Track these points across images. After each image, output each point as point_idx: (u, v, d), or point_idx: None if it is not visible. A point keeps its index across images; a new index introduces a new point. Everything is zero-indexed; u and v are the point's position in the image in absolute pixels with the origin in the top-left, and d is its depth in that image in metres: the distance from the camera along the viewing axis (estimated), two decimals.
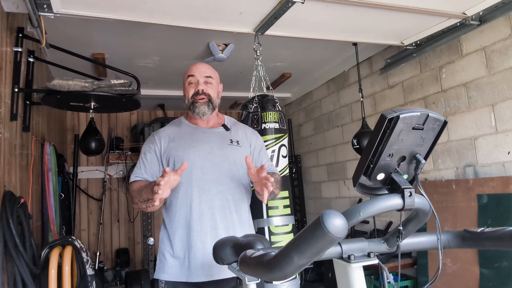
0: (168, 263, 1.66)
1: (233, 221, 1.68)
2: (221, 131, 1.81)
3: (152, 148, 1.75)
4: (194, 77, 1.77)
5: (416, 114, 0.77)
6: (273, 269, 0.74)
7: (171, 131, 1.81)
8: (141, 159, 1.77)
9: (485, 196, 2.42)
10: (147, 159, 1.75)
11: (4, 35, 1.95)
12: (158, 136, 1.78)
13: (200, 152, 1.70)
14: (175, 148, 1.72)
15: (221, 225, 1.65)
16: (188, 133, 1.78)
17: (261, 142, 1.91)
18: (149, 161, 1.74)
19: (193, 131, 1.79)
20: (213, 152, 1.71)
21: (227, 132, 1.81)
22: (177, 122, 1.89)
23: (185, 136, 1.77)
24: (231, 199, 1.70)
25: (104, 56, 3.21)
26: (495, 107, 2.46)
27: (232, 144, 1.76)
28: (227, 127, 1.82)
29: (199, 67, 1.79)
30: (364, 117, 3.23)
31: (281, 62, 3.74)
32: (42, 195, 2.59)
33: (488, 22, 2.43)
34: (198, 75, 1.76)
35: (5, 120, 1.90)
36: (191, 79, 1.78)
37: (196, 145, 1.72)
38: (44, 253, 1.94)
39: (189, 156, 1.67)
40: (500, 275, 2.25)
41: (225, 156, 1.71)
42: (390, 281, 0.90)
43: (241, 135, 1.83)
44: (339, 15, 2.33)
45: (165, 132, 1.80)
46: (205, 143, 1.73)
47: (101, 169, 4.88)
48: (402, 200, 0.77)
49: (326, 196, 4.34)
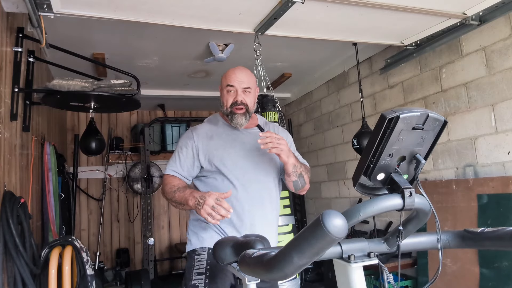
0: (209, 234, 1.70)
1: (269, 218, 1.75)
2: (257, 131, 1.85)
3: (190, 144, 1.78)
4: (233, 87, 1.75)
5: (416, 114, 0.77)
6: (273, 269, 0.74)
7: (208, 128, 1.84)
8: (177, 153, 1.79)
9: (485, 196, 2.42)
10: (183, 153, 1.78)
11: (4, 35, 1.95)
12: (196, 133, 1.81)
13: (240, 152, 1.75)
14: (214, 146, 1.76)
15: (259, 222, 1.70)
16: (226, 133, 1.81)
17: (291, 140, 1.95)
18: (185, 156, 1.77)
19: (231, 132, 1.82)
20: (252, 152, 1.76)
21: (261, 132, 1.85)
22: (213, 120, 1.90)
23: (223, 135, 1.80)
24: (268, 198, 1.77)
25: (104, 56, 3.21)
26: (495, 107, 2.46)
27: None
28: (261, 128, 1.88)
29: (239, 76, 1.76)
30: (364, 117, 3.22)
31: (281, 62, 3.74)
32: (42, 195, 2.59)
33: (488, 22, 2.43)
34: (237, 85, 1.75)
35: (5, 120, 1.90)
36: (230, 88, 1.76)
37: (235, 145, 1.77)
38: (44, 253, 1.94)
39: (230, 155, 1.73)
40: (500, 275, 2.25)
41: (262, 156, 1.77)
42: (390, 281, 0.90)
43: None
44: (339, 15, 2.33)
45: (203, 129, 1.83)
46: (243, 143, 1.78)
47: (101, 169, 4.88)
48: (402, 200, 0.77)
49: (326, 196, 4.34)
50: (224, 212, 1.44)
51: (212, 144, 1.77)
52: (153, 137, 4.86)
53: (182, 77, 3.95)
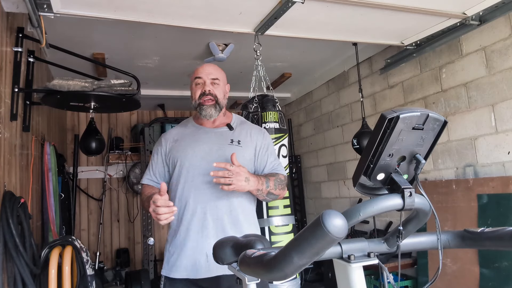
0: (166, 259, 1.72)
1: (223, 221, 1.67)
2: (224, 130, 1.81)
3: (159, 150, 1.82)
4: (201, 79, 1.77)
5: (416, 114, 0.77)
6: (273, 269, 0.74)
7: (177, 131, 1.86)
8: (150, 161, 1.85)
9: (485, 196, 2.42)
10: (154, 160, 1.82)
11: (4, 35, 1.95)
12: (165, 138, 1.85)
13: (199, 152, 1.72)
14: (176, 148, 1.77)
15: (212, 225, 1.65)
16: (190, 134, 1.80)
17: (268, 141, 1.87)
18: (157, 162, 1.82)
19: (196, 132, 1.81)
20: (211, 152, 1.71)
21: (230, 131, 1.80)
22: (185, 122, 1.92)
23: (187, 136, 1.80)
24: (225, 200, 1.68)
25: (104, 56, 3.21)
26: (495, 107, 2.46)
27: (232, 144, 1.75)
28: (231, 127, 1.82)
29: (206, 68, 1.80)
30: (364, 117, 3.22)
31: (281, 62, 3.74)
32: (42, 195, 2.59)
33: (488, 22, 2.42)
34: (205, 76, 1.77)
35: (5, 120, 1.90)
36: (198, 81, 1.78)
37: (195, 146, 1.74)
38: (44, 253, 1.94)
39: (187, 156, 1.71)
40: (500, 275, 2.25)
41: (223, 157, 1.70)
42: (390, 281, 0.90)
43: (245, 135, 1.81)
44: (339, 15, 2.33)
45: (172, 133, 1.86)
46: (204, 144, 1.74)
47: (101, 169, 4.88)
48: (402, 200, 0.77)
49: (326, 196, 4.34)
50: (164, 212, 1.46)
51: (175, 146, 1.78)
52: (153, 137, 4.85)
53: (182, 77, 3.95)
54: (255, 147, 1.80)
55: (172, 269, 1.68)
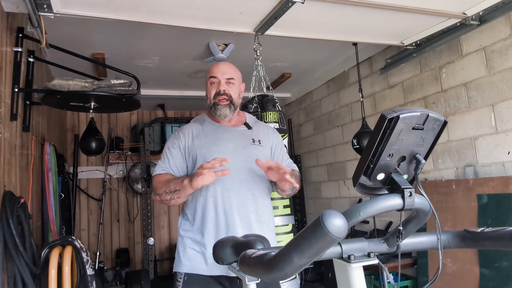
0: (187, 255, 1.68)
1: (250, 220, 1.69)
2: (244, 129, 1.82)
3: (177, 143, 1.77)
4: (216, 78, 1.76)
5: (416, 114, 0.77)
6: (273, 269, 0.74)
7: (194, 128, 1.82)
8: (165, 153, 1.78)
9: (485, 196, 2.42)
10: (172, 154, 1.76)
11: (4, 35, 1.95)
12: (183, 133, 1.80)
13: (224, 150, 1.71)
14: (199, 145, 1.74)
15: (240, 224, 1.66)
16: (211, 131, 1.79)
17: (281, 140, 1.93)
18: (174, 155, 1.76)
19: (216, 129, 1.79)
20: (237, 151, 1.72)
21: (249, 130, 1.83)
22: (200, 119, 1.89)
23: (209, 134, 1.78)
24: (252, 198, 1.71)
25: (104, 56, 3.21)
26: (495, 107, 2.46)
27: (254, 144, 1.78)
28: (249, 126, 1.84)
29: (221, 68, 1.78)
30: (364, 117, 3.22)
31: (281, 62, 3.74)
32: (42, 195, 2.59)
33: (488, 22, 2.42)
34: (220, 76, 1.76)
35: (5, 120, 1.90)
36: (213, 80, 1.77)
37: (220, 144, 1.73)
38: (44, 253, 1.94)
39: (212, 154, 1.68)
40: (500, 275, 2.25)
41: (248, 156, 1.72)
42: (390, 281, 0.90)
43: (263, 135, 1.84)
44: (339, 15, 2.33)
45: (189, 129, 1.81)
46: (228, 142, 1.74)
47: (101, 169, 4.88)
48: (402, 200, 0.77)
49: (326, 196, 4.34)
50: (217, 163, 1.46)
51: (196, 143, 1.75)
52: (153, 137, 4.86)
53: (182, 77, 3.95)
54: (271, 146, 1.85)
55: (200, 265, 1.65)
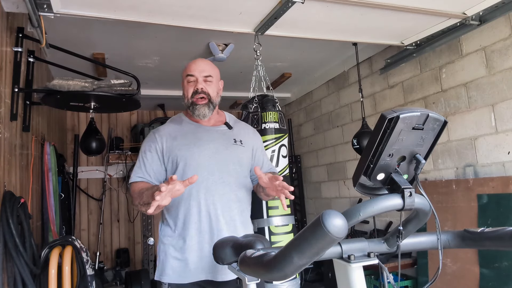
0: (170, 264, 1.65)
1: (235, 222, 1.66)
2: (224, 129, 1.77)
3: (153, 146, 1.69)
4: (193, 76, 1.69)
5: (416, 114, 0.77)
6: (273, 269, 0.74)
7: (172, 129, 1.75)
8: (141, 158, 1.70)
9: (485, 196, 2.42)
10: (148, 158, 1.68)
11: (4, 35, 1.95)
12: (159, 134, 1.71)
13: (206, 152, 1.66)
14: (178, 147, 1.66)
15: (225, 227, 1.63)
16: (190, 132, 1.72)
17: (261, 142, 1.90)
18: (150, 160, 1.68)
19: (196, 130, 1.73)
20: (219, 152, 1.67)
21: (230, 130, 1.78)
22: (177, 119, 1.82)
23: (188, 134, 1.71)
24: (236, 200, 1.68)
25: (104, 56, 3.21)
26: (495, 107, 2.46)
27: (236, 144, 1.73)
28: (229, 126, 1.79)
29: (198, 65, 1.71)
30: (364, 117, 3.22)
31: (281, 62, 3.74)
32: (42, 195, 2.59)
33: (488, 22, 2.42)
34: (197, 73, 1.69)
35: (5, 120, 1.90)
36: (190, 78, 1.70)
37: (201, 145, 1.67)
38: (44, 253, 1.94)
39: (193, 156, 1.63)
40: (500, 275, 2.25)
41: (230, 156, 1.68)
42: (390, 281, 0.90)
43: (244, 135, 1.80)
44: (339, 15, 2.32)
45: (165, 130, 1.73)
46: (209, 142, 1.68)
47: (101, 169, 4.88)
48: (402, 200, 0.77)
49: (326, 196, 4.34)
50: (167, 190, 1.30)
51: (175, 145, 1.66)
52: None
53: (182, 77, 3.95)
54: (252, 147, 1.81)
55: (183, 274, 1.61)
